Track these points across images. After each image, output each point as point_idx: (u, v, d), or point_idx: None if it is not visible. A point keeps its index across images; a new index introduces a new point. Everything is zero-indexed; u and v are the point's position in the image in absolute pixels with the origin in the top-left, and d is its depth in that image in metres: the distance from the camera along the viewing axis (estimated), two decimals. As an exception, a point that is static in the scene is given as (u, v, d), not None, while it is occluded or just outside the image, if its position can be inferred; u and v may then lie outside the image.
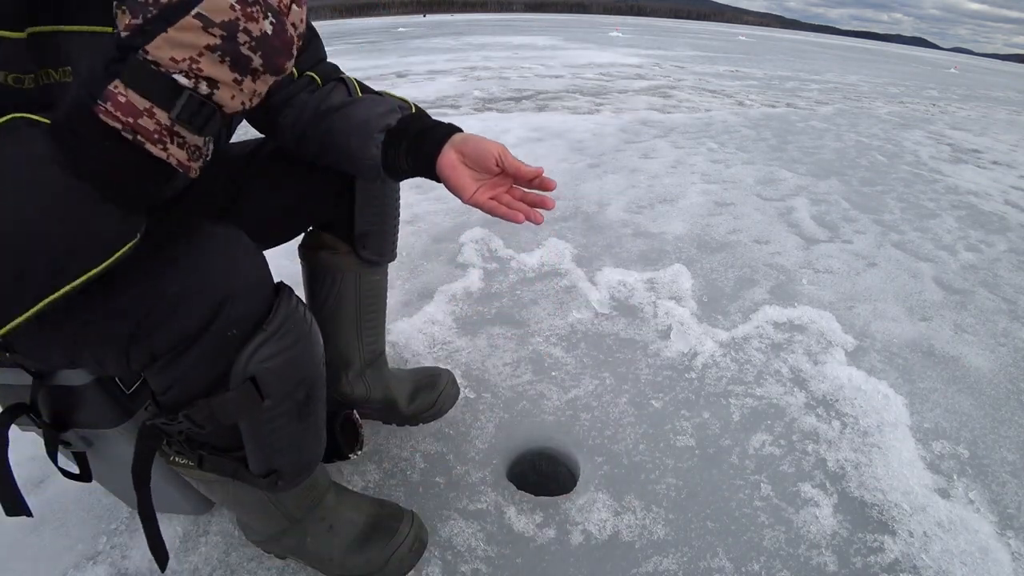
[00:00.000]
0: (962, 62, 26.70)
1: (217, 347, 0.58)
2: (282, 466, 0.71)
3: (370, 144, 0.76)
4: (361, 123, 0.77)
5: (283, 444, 0.69)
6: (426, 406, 1.17)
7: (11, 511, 0.67)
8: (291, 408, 0.66)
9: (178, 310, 0.55)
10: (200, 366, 0.59)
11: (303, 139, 0.82)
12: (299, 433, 0.70)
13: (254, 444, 0.68)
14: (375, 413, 1.16)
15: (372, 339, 1.09)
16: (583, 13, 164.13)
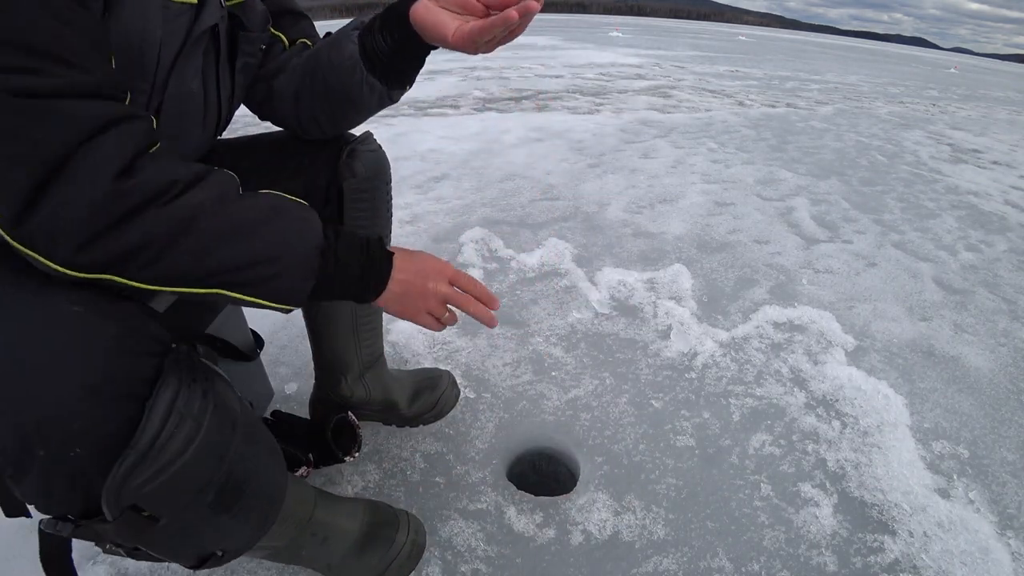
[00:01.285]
0: (962, 62, 26.70)
1: (59, 471, 0.47)
2: (219, 549, 0.63)
3: (347, 43, 0.74)
4: (336, 39, 0.77)
5: (208, 539, 0.61)
6: (427, 408, 1.16)
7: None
8: (200, 512, 0.56)
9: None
10: (52, 492, 0.50)
11: (299, 99, 0.82)
12: (225, 523, 0.60)
13: (168, 553, 0.60)
14: (375, 415, 1.16)
15: (370, 342, 1.08)
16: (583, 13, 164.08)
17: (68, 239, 0.47)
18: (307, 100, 0.81)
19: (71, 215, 0.46)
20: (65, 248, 0.47)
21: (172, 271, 0.52)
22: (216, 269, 0.54)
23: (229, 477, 0.58)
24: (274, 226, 0.58)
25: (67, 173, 0.46)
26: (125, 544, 0.58)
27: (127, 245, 0.49)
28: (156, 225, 0.50)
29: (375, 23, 0.73)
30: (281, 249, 0.58)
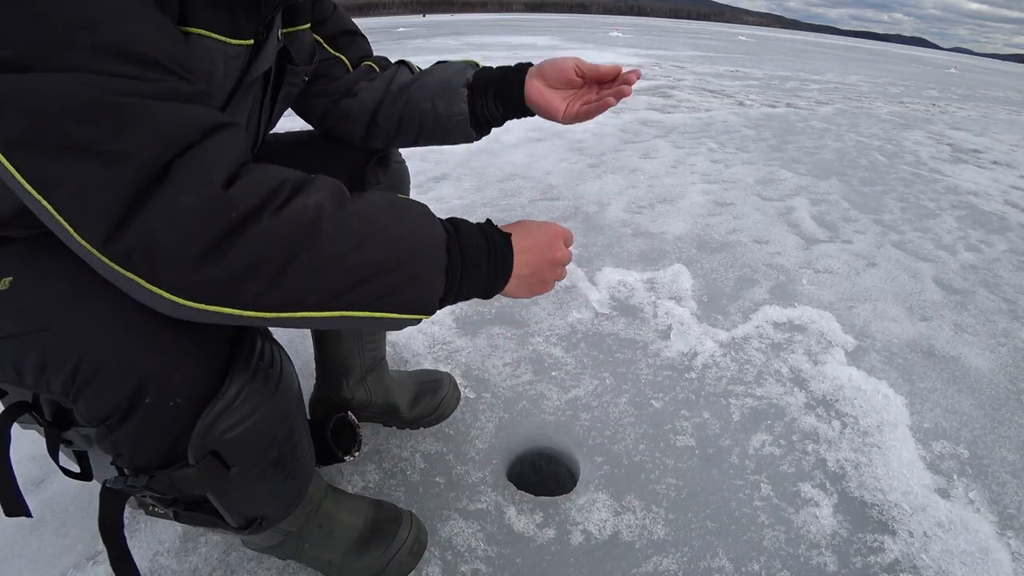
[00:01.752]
0: (962, 62, 26.70)
1: (157, 421, 0.53)
2: (263, 514, 0.68)
3: (457, 101, 0.81)
4: (441, 86, 0.82)
5: (260, 499, 0.66)
6: (428, 411, 1.16)
7: (11, 511, 0.67)
8: (264, 468, 0.62)
9: (95, 382, 0.51)
10: (144, 439, 0.55)
11: (374, 124, 0.87)
12: (278, 483, 0.66)
13: (224, 505, 0.64)
14: (376, 417, 1.16)
15: (373, 346, 1.09)
16: (583, 13, 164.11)
17: (173, 256, 0.42)
18: (388, 128, 0.87)
19: (176, 227, 0.42)
20: (170, 268, 0.43)
21: (295, 292, 0.47)
22: (343, 287, 0.49)
23: (289, 436, 0.64)
24: (398, 225, 0.52)
25: (170, 180, 0.42)
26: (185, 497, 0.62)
27: (243, 261, 0.43)
28: (274, 234, 0.44)
29: (488, 90, 0.81)
30: (408, 250, 0.52)
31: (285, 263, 0.45)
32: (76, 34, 0.41)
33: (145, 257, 0.42)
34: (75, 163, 0.41)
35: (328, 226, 0.47)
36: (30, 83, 0.40)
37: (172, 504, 0.65)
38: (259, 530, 0.68)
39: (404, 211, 0.54)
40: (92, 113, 0.41)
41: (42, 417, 0.68)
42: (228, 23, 0.57)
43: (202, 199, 0.42)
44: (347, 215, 0.49)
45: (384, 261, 0.50)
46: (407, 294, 0.53)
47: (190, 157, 0.43)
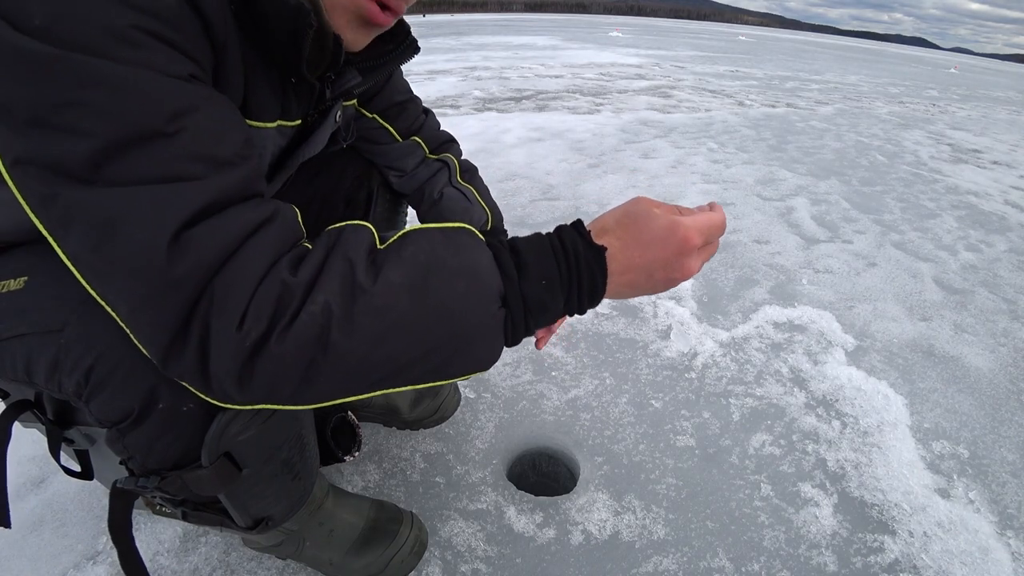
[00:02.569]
0: (962, 62, 26.70)
1: (170, 425, 0.54)
2: (270, 514, 0.69)
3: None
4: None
5: (268, 499, 0.67)
6: (428, 413, 1.16)
7: None
8: (276, 467, 0.63)
9: (109, 385, 0.52)
10: (157, 442, 0.55)
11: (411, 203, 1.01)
12: (288, 483, 0.67)
13: (234, 506, 0.64)
14: (377, 418, 1.16)
15: None
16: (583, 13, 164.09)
17: (216, 382, 0.45)
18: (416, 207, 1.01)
19: (212, 357, 0.44)
20: (216, 391, 0.46)
21: (329, 391, 0.48)
22: (376, 377, 0.47)
23: (299, 437, 0.66)
24: (427, 305, 0.46)
25: (202, 312, 0.43)
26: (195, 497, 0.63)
27: (267, 381, 0.45)
28: (283, 357, 0.44)
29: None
30: (445, 329, 0.47)
31: (306, 373, 0.45)
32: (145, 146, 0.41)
33: (197, 379, 0.45)
34: (130, 287, 0.42)
35: (337, 334, 0.44)
36: (98, 199, 0.40)
37: (181, 504, 0.65)
38: (265, 530, 0.69)
39: (437, 277, 0.47)
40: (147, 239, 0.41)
41: (44, 415, 0.68)
42: (282, 108, 0.59)
43: (224, 337, 0.44)
44: (357, 314, 0.44)
45: (414, 350, 0.47)
46: (457, 364, 0.49)
47: (219, 281, 0.43)
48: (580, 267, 0.49)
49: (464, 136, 3.39)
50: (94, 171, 0.40)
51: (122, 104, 0.40)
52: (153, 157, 0.41)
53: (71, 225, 0.41)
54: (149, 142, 0.41)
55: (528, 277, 0.49)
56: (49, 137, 0.39)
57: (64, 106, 0.39)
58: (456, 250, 0.48)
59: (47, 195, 0.41)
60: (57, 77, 0.38)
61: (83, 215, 0.40)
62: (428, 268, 0.47)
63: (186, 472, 0.57)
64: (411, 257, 0.47)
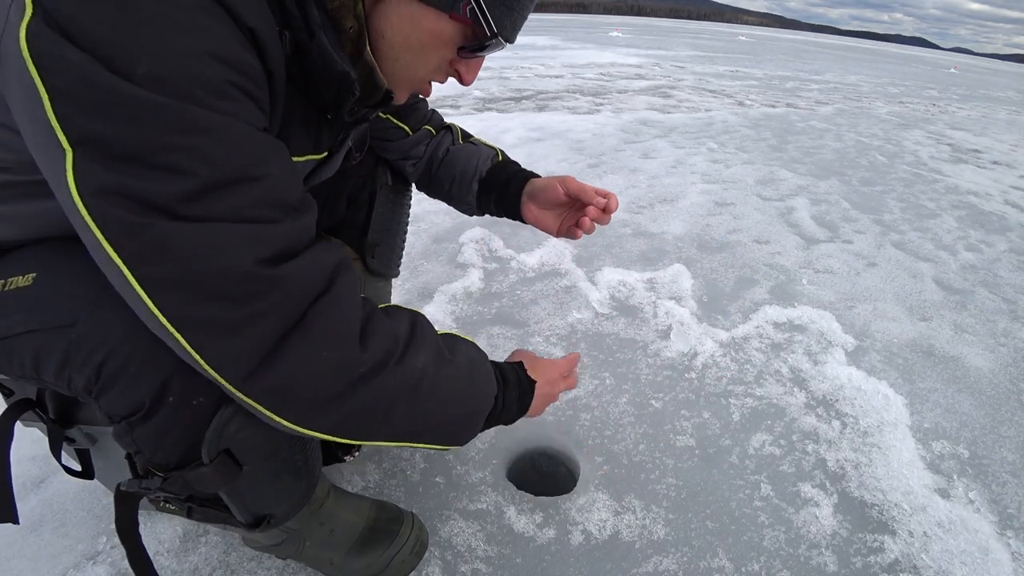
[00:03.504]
0: (962, 62, 26.70)
1: (179, 419, 0.55)
2: (272, 512, 0.69)
3: (467, 193, 0.98)
4: (460, 173, 0.98)
5: (270, 496, 0.67)
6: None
7: (1, 516, 0.66)
8: (276, 465, 0.64)
9: (120, 380, 0.53)
10: (165, 437, 0.56)
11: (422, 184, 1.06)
12: (289, 481, 0.68)
13: (235, 504, 0.65)
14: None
15: None
16: (583, 13, 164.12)
17: (299, 403, 0.50)
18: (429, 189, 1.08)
19: (314, 378, 0.49)
20: (296, 409, 0.50)
21: (379, 432, 0.57)
22: (421, 430, 0.61)
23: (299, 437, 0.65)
24: (474, 386, 0.66)
25: (308, 330, 0.48)
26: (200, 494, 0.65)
27: (357, 408, 0.53)
28: (388, 389, 0.54)
29: (491, 194, 0.97)
30: (474, 405, 0.67)
31: (386, 412, 0.55)
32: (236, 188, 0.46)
33: (277, 399, 0.50)
34: (220, 311, 0.46)
35: (427, 386, 0.58)
36: (193, 230, 0.44)
37: (187, 501, 0.66)
38: (267, 528, 0.69)
39: (477, 366, 0.68)
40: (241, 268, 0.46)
41: (46, 414, 0.68)
42: (313, 143, 0.63)
43: (342, 355, 0.50)
44: (443, 378, 0.61)
45: (457, 414, 0.65)
46: (459, 434, 0.67)
47: (324, 305, 0.49)
48: (525, 387, 0.79)
49: (464, 136, 3.40)
50: (188, 208, 0.44)
51: (217, 149, 0.44)
52: (241, 198, 0.46)
53: (163, 253, 0.44)
54: (238, 185, 0.46)
55: (509, 387, 0.75)
56: (145, 173, 0.42)
57: (164, 147, 0.42)
58: (482, 357, 0.71)
59: (139, 224, 0.43)
60: (157, 119, 0.42)
61: (178, 244, 0.44)
62: (471, 362, 0.68)
63: (188, 471, 0.57)
64: (464, 351, 0.68)
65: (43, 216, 0.54)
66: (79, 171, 0.42)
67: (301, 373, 0.48)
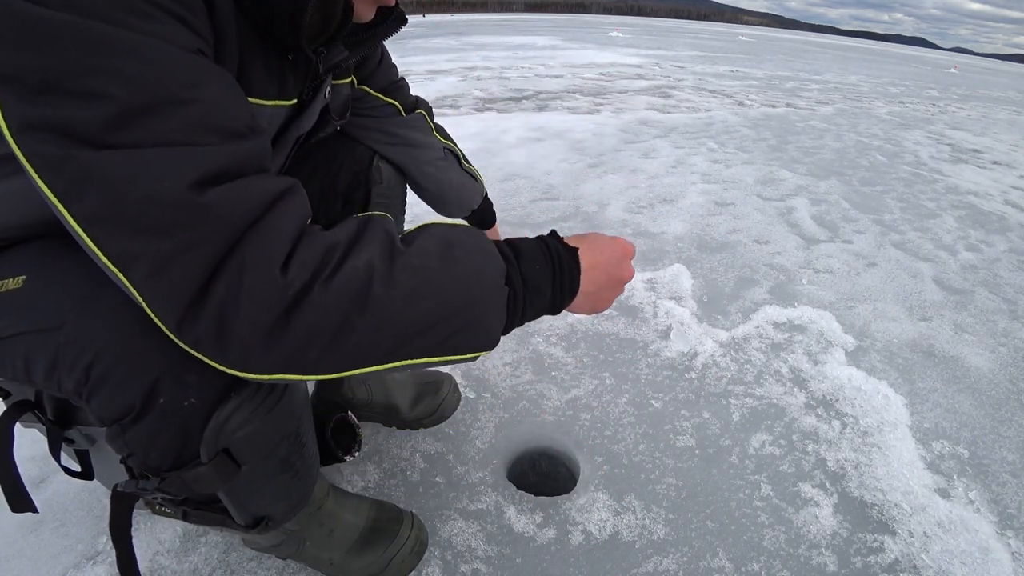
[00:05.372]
0: (962, 62, 26.71)
1: (171, 421, 0.54)
2: (270, 512, 0.68)
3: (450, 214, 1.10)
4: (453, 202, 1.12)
5: (268, 497, 0.66)
6: (428, 412, 1.16)
7: (17, 507, 0.67)
8: (273, 466, 0.63)
9: (109, 382, 0.52)
10: (157, 439, 0.55)
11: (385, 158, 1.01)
12: (287, 481, 0.67)
13: (233, 504, 0.64)
14: (377, 416, 1.16)
15: None
16: (583, 13, 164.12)
17: (237, 341, 0.44)
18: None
19: (240, 314, 0.43)
20: (235, 351, 0.45)
21: (352, 355, 0.48)
22: (401, 341, 0.49)
23: (297, 435, 0.65)
24: (453, 269, 0.52)
25: (234, 265, 0.43)
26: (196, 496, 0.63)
27: (299, 336, 0.45)
28: (325, 306, 0.45)
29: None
30: (466, 294, 0.52)
31: (339, 330, 0.46)
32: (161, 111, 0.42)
33: (212, 343, 0.45)
34: (150, 244, 0.42)
35: (379, 287, 0.47)
36: (116, 159, 0.41)
37: (182, 504, 0.65)
38: (266, 530, 0.69)
39: (459, 250, 0.53)
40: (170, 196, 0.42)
41: (44, 416, 0.68)
42: (278, 87, 0.60)
43: (265, 283, 0.44)
44: (398, 270, 0.49)
45: (441, 311, 0.50)
46: (468, 336, 0.53)
47: (253, 237, 0.44)
48: (562, 260, 0.59)
49: (464, 136, 3.39)
50: (110, 134, 0.40)
51: (138, 71, 0.40)
52: (168, 122, 0.42)
53: (87, 185, 0.41)
54: (164, 108, 0.42)
55: (525, 261, 0.57)
56: (63, 102, 0.40)
57: (80, 72, 0.39)
58: (471, 234, 0.55)
59: (61, 157, 0.40)
60: (72, 43, 0.39)
61: (101, 174, 0.41)
62: (451, 243, 0.53)
63: (185, 471, 0.56)
64: (435, 234, 0.54)
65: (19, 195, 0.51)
66: (6, 109, 0.40)
67: (230, 311, 0.43)
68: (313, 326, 0.45)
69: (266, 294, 0.43)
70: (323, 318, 0.45)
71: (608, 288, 0.64)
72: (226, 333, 0.44)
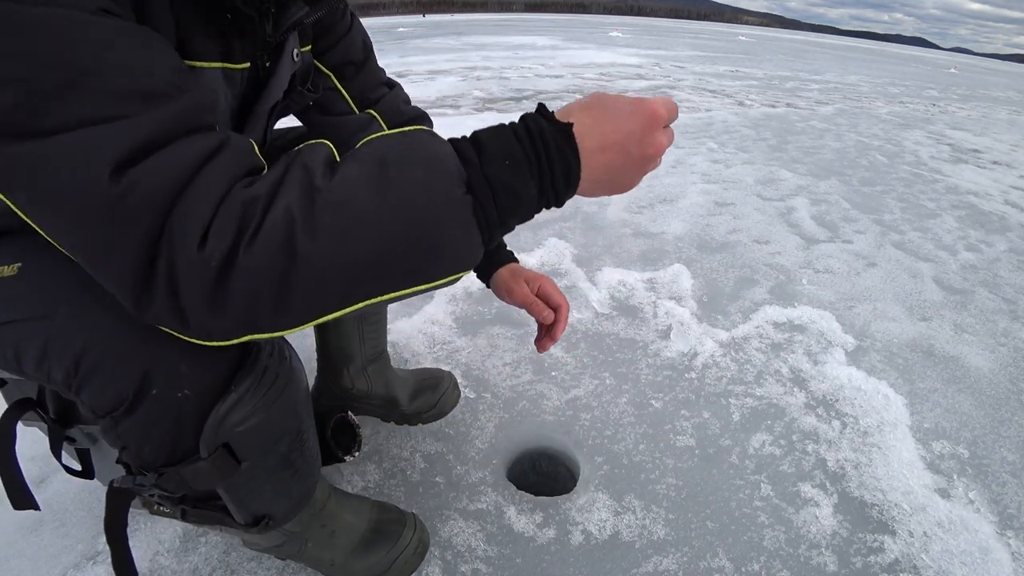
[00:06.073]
0: (962, 62, 26.71)
1: (165, 413, 0.52)
2: (271, 512, 0.67)
3: None
4: None
5: (269, 495, 0.65)
6: (427, 407, 1.17)
7: (19, 504, 0.67)
8: (273, 463, 0.62)
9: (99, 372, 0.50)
10: (151, 432, 0.54)
11: None
12: (287, 480, 0.66)
13: (232, 502, 0.63)
14: (376, 410, 1.16)
15: (374, 336, 1.09)
16: (583, 13, 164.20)
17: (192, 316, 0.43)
18: None
19: (181, 291, 0.42)
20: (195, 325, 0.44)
21: (306, 308, 0.44)
22: (351, 284, 0.44)
23: (298, 432, 0.64)
24: (387, 197, 0.43)
25: (165, 243, 0.41)
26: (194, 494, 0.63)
27: (242, 301, 0.42)
28: (253, 270, 0.41)
29: None
30: (412, 221, 0.44)
31: (279, 289, 0.42)
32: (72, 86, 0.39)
33: (171, 318, 0.43)
34: (86, 232, 0.41)
35: (303, 238, 0.42)
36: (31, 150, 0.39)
37: (180, 502, 0.65)
38: (266, 530, 0.68)
39: (394, 169, 0.44)
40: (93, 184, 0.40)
41: (46, 414, 0.68)
42: (220, 48, 0.56)
43: (187, 262, 0.41)
44: (318, 213, 0.42)
45: (385, 245, 0.43)
46: (433, 264, 0.46)
47: (177, 212, 0.41)
48: (548, 146, 0.47)
49: (464, 136, 3.40)
50: (26, 122, 0.38)
51: (38, 47, 0.38)
52: (82, 98, 0.39)
53: (15, 179, 0.40)
54: (74, 83, 0.39)
55: (489, 159, 0.46)
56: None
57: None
58: (413, 144, 0.46)
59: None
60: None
61: (24, 168, 0.39)
62: (384, 161, 0.45)
63: (183, 467, 0.56)
64: (367, 155, 0.45)
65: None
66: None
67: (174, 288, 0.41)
68: (251, 290, 0.42)
69: (192, 271, 0.41)
70: (257, 281, 0.42)
71: (628, 170, 0.51)
72: (179, 308, 0.42)
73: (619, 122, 0.48)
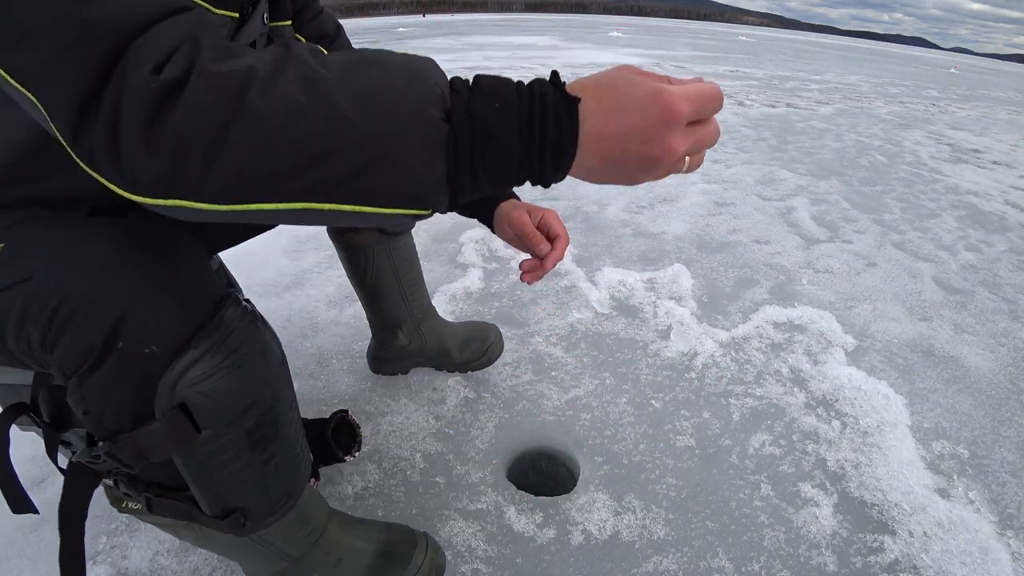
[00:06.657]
0: (962, 62, 26.71)
1: (129, 370, 0.50)
2: (244, 505, 0.63)
3: None
4: None
5: (237, 481, 0.61)
6: (476, 355, 1.29)
7: (17, 509, 0.67)
8: (238, 439, 0.57)
9: (71, 324, 0.49)
10: (114, 391, 0.52)
11: None
12: (257, 466, 0.61)
13: (197, 483, 0.59)
14: (429, 361, 1.29)
15: (417, 297, 1.20)
16: (583, 13, 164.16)
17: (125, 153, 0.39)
18: None
19: (122, 120, 0.38)
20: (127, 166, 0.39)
21: (237, 177, 0.39)
22: (284, 168, 0.39)
23: (269, 410, 0.60)
24: (356, 87, 0.40)
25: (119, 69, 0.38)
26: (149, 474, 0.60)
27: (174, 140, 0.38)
28: (196, 106, 0.38)
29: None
30: (373, 120, 0.39)
31: (215, 139, 0.38)
32: None
33: (106, 153, 0.39)
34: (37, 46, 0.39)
35: (256, 95, 0.38)
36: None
37: (145, 490, 0.62)
38: (241, 529, 0.63)
39: (375, 68, 0.41)
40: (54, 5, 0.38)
41: (40, 418, 0.68)
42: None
43: (138, 80, 0.38)
44: (283, 80, 0.39)
45: (335, 135, 0.39)
46: (381, 177, 0.40)
47: (136, 43, 0.39)
48: (546, 112, 0.42)
49: (464, 136, 3.39)
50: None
51: None
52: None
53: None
54: None
55: (480, 96, 0.42)
56: None
57: None
58: (405, 59, 0.43)
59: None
60: None
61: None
62: (369, 62, 0.41)
63: (137, 432, 0.53)
64: (355, 53, 0.43)
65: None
66: None
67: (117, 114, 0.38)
68: (185, 134, 0.38)
69: (136, 96, 0.38)
70: (194, 123, 0.38)
71: (627, 166, 0.44)
72: (116, 141, 0.39)
73: (626, 113, 0.43)
